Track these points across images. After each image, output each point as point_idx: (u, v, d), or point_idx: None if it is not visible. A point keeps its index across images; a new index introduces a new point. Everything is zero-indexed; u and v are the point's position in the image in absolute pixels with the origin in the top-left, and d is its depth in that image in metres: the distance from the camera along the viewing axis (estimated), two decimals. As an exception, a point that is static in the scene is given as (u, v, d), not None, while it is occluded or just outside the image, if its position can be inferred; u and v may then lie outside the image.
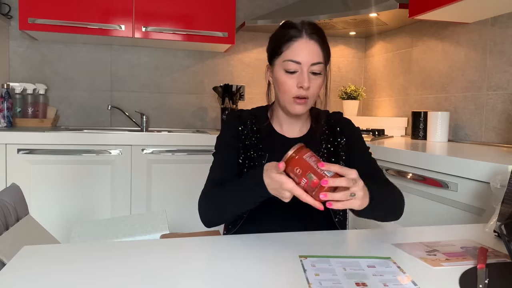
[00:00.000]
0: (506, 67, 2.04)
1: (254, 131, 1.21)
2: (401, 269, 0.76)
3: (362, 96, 3.07)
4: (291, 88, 1.13)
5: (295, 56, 1.11)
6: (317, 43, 1.13)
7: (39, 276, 0.71)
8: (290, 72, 1.12)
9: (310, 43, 1.12)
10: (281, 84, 1.14)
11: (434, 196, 1.59)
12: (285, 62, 1.13)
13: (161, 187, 2.45)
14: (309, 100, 1.15)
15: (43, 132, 2.28)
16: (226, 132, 1.23)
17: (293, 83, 1.13)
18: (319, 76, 1.14)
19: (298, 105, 1.14)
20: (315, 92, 1.15)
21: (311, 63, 1.12)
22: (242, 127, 1.21)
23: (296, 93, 1.13)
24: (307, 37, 1.12)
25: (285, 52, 1.13)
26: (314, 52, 1.12)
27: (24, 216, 1.26)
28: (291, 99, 1.14)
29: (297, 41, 1.12)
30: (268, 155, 1.18)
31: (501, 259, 0.84)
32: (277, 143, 1.21)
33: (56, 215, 2.32)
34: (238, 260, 0.80)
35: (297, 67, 1.12)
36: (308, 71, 1.12)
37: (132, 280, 0.70)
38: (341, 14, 2.54)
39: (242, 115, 1.24)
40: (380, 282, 0.70)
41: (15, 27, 2.74)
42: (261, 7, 3.15)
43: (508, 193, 0.96)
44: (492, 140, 2.11)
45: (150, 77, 3.03)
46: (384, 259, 0.81)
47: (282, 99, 1.16)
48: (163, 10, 2.66)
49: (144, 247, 0.88)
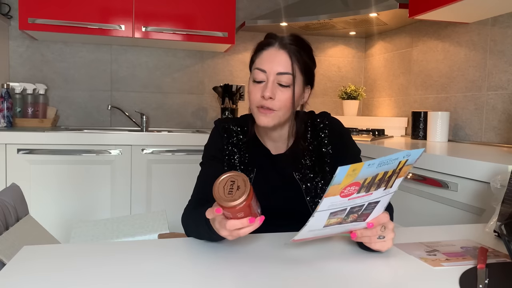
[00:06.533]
0: (506, 67, 2.04)
1: (240, 146, 1.18)
2: None
3: (362, 96, 3.07)
4: (254, 97, 1.09)
5: (261, 64, 1.08)
6: (288, 53, 1.07)
7: (39, 276, 0.71)
8: (257, 82, 1.09)
9: (279, 52, 1.08)
10: (249, 93, 1.12)
11: (434, 196, 1.59)
12: (254, 70, 1.10)
13: (161, 187, 2.45)
14: (276, 113, 1.08)
15: (43, 132, 2.28)
16: (213, 144, 1.20)
17: (257, 92, 1.08)
18: (287, 88, 1.08)
19: (261, 115, 1.09)
20: (283, 105, 1.08)
21: (277, 73, 1.07)
22: (227, 141, 1.18)
23: (259, 102, 1.08)
24: (278, 46, 1.08)
25: (255, 61, 1.11)
26: (282, 62, 1.07)
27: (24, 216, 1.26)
28: (256, 109, 1.10)
29: (267, 50, 1.09)
30: (256, 170, 1.15)
31: (501, 259, 0.84)
32: (263, 159, 1.17)
33: (56, 215, 2.32)
34: (238, 260, 0.80)
35: (263, 76, 1.08)
36: (274, 81, 1.07)
37: (132, 280, 0.70)
38: (341, 14, 2.54)
39: (228, 128, 1.20)
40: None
41: (15, 27, 2.74)
42: (261, 7, 3.15)
43: (508, 193, 0.96)
44: (492, 140, 2.11)
45: (150, 77, 3.03)
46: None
47: (251, 110, 1.13)
48: (163, 10, 2.66)
49: (144, 247, 0.88)
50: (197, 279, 0.72)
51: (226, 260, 0.80)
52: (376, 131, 2.51)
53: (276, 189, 1.15)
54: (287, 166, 1.16)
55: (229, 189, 0.77)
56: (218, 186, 0.78)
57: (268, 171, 1.16)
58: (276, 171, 1.16)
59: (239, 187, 0.77)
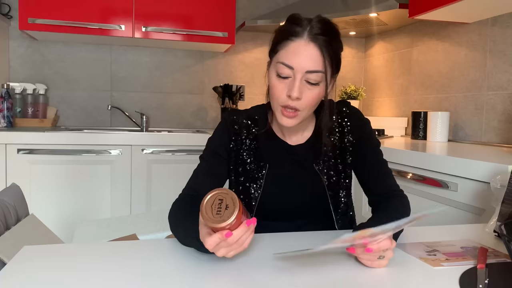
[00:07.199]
0: (506, 67, 2.04)
1: (251, 139, 1.10)
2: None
3: (362, 96, 3.07)
4: (279, 94, 0.98)
5: (288, 59, 0.95)
6: (319, 47, 0.95)
7: (39, 276, 0.71)
8: (282, 77, 0.97)
9: (309, 46, 0.95)
10: (271, 87, 1.00)
11: (434, 196, 1.59)
12: (278, 64, 0.97)
13: (161, 187, 2.45)
14: (300, 113, 0.99)
15: (43, 132, 2.28)
16: (217, 139, 1.11)
17: (283, 89, 0.97)
18: (315, 86, 0.97)
19: (285, 117, 0.99)
20: (309, 104, 0.99)
21: (306, 71, 0.95)
22: (236, 137, 1.10)
23: (284, 102, 0.98)
24: (307, 38, 0.95)
25: (280, 52, 0.97)
26: (312, 58, 0.95)
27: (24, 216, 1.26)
28: (279, 108, 1.00)
29: (295, 42, 0.96)
30: (268, 165, 1.08)
31: (501, 259, 0.84)
32: (279, 151, 1.10)
33: (56, 215, 2.32)
34: (239, 259, 0.80)
35: (289, 72, 0.96)
36: (302, 79, 0.96)
37: (133, 280, 0.70)
38: (341, 14, 2.54)
39: (238, 122, 1.11)
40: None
41: (15, 27, 2.74)
42: (261, 7, 3.15)
43: (508, 193, 0.96)
44: (492, 140, 2.11)
45: (150, 77, 3.03)
46: None
47: (272, 106, 1.03)
48: (163, 10, 2.66)
49: (145, 247, 0.88)
50: (197, 279, 0.72)
51: (226, 260, 0.80)
52: (376, 131, 2.51)
53: (294, 184, 1.08)
54: (307, 157, 1.10)
55: (217, 209, 0.73)
56: (206, 206, 0.74)
57: (285, 164, 1.09)
58: (295, 163, 1.10)
59: (228, 205, 0.73)
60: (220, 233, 0.72)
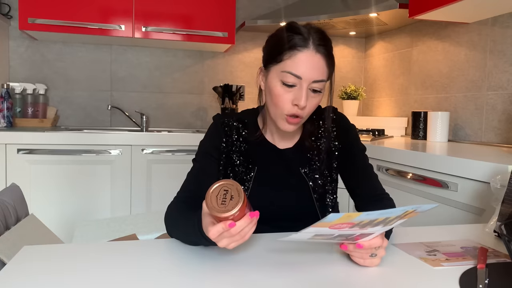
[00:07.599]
0: (506, 67, 2.04)
1: (241, 141, 1.12)
2: None
3: (362, 96, 3.07)
4: (285, 103, 1.00)
5: (296, 69, 0.97)
6: (324, 57, 0.99)
7: (39, 276, 0.71)
8: (288, 86, 0.99)
9: (316, 57, 0.98)
10: (275, 96, 1.01)
11: (434, 196, 1.59)
12: (284, 73, 0.98)
13: (161, 187, 2.45)
14: (302, 120, 1.03)
15: (43, 132, 2.28)
16: (208, 141, 1.13)
17: (289, 98, 0.99)
18: (318, 94, 1.01)
19: (289, 124, 1.02)
20: (310, 111, 1.03)
21: (313, 80, 0.98)
22: (227, 139, 1.11)
23: (290, 111, 1.00)
24: (313, 49, 0.98)
25: (286, 62, 0.98)
26: (319, 68, 0.98)
27: (24, 216, 1.25)
28: (283, 116, 1.01)
29: (302, 52, 0.97)
30: (257, 168, 1.10)
31: (501, 259, 0.84)
32: (268, 154, 1.12)
33: (56, 215, 2.32)
34: (239, 259, 0.80)
35: (296, 81, 0.98)
36: (308, 87, 0.99)
37: (133, 280, 0.70)
38: (341, 14, 2.54)
39: (228, 124, 1.13)
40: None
41: (15, 27, 2.74)
42: (261, 7, 3.15)
43: (508, 193, 0.96)
44: (492, 140, 2.11)
45: (150, 77, 3.03)
46: None
47: (273, 113, 1.04)
48: (163, 10, 2.66)
49: (145, 247, 0.88)
50: (197, 279, 0.72)
51: (226, 260, 0.80)
52: (376, 131, 2.51)
53: (281, 187, 1.11)
54: (294, 161, 1.12)
55: (222, 199, 0.74)
56: (211, 195, 0.75)
57: (273, 167, 1.12)
58: (282, 166, 1.12)
59: (233, 196, 0.74)
60: (224, 223, 0.73)
